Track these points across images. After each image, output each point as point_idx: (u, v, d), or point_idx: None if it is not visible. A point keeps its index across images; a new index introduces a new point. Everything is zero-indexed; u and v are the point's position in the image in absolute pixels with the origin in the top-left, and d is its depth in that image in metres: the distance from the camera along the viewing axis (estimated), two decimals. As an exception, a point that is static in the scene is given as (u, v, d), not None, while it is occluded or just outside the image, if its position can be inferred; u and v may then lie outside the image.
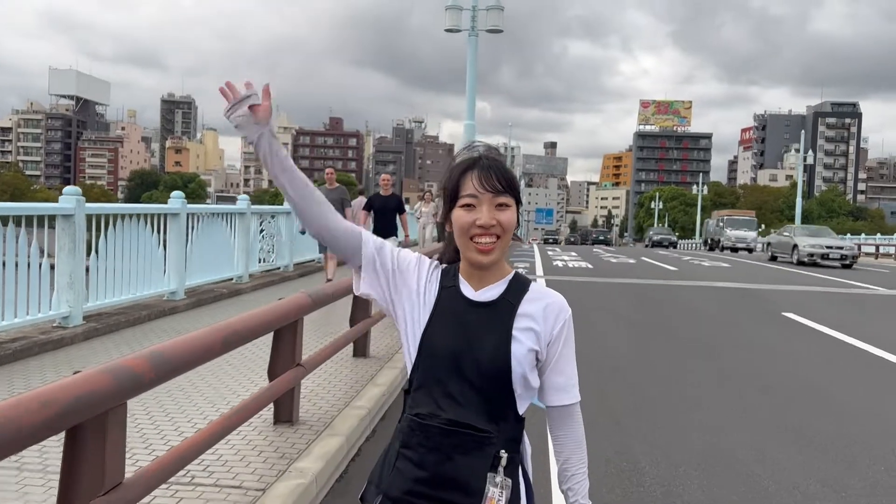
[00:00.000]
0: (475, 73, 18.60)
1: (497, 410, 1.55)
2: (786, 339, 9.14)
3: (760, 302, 12.94)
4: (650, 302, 12.50)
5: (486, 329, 1.57)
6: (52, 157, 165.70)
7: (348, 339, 5.85)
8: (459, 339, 1.57)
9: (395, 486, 1.56)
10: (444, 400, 1.55)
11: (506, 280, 1.63)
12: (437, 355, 1.57)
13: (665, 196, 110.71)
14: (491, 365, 1.54)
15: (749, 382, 6.66)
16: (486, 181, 1.56)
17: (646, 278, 16.96)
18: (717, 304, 12.51)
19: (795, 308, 11.77)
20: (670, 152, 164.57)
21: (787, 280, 17.83)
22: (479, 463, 1.52)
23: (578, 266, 20.56)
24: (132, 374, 2.40)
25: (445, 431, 1.54)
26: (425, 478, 1.54)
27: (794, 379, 6.92)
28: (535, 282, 1.67)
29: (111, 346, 6.54)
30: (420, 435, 1.56)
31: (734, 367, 7.33)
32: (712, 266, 22.75)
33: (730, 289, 15.06)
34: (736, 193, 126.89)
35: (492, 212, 1.56)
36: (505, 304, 1.60)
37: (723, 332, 9.45)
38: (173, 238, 8.50)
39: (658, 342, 8.56)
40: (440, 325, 1.59)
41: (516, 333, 1.57)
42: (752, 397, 6.15)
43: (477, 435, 1.53)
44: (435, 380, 1.57)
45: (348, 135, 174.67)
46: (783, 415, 5.68)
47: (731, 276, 18.33)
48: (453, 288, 1.62)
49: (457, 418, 1.54)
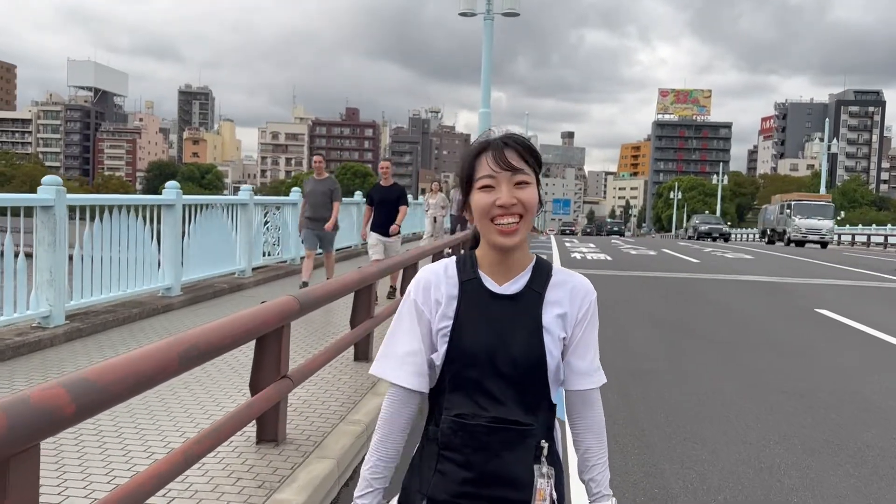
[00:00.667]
0: (490, 59, 18.03)
1: (534, 402, 1.54)
2: (822, 338, 8.53)
3: (790, 297, 12.29)
4: (674, 297, 11.90)
5: (516, 323, 1.54)
6: (72, 148, 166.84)
7: (347, 342, 5.38)
8: (490, 336, 1.53)
9: (441, 490, 1.53)
10: (484, 399, 1.52)
11: (529, 269, 1.59)
12: (469, 355, 1.53)
13: (684, 186, 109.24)
14: (526, 360, 1.52)
15: (787, 389, 6.08)
16: (501, 159, 1.51)
17: (667, 271, 16.34)
18: (744, 299, 11.89)
19: (829, 304, 11.13)
20: (689, 142, 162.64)
21: (814, 273, 17.13)
22: (524, 456, 1.52)
23: (597, 258, 19.95)
24: (44, 410, 1.87)
25: (491, 429, 1.51)
26: (473, 478, 1.51)
27: (835, 385, 6.33)
28: (555, 265, 1.63)
29: (94, 349, 6.09)
30: (464, 436, 1.53)
31: (769, 371, 6.75)
32: (735, 258, 22.05)
33: (756, 283, 14.42)
34: (756, 183, 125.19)
35: (511, 190, 1.51)
36: (531, 295, 1.56)
37: (754, 332, 8.85)
38: (168, 231, 8.02)
39: (685, 343, 7.99)
40: (469, 322, 1.54)
41: (546, 324, 1.55)
42: (790, 406, 5.58)
43: (520, 429, 1.52)
44: (470, 380, 1.53)
45: (364, 125, 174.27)
46: (827, 426, 5.11)
47: (756, 269, 17.65)
48: (475, 281, 1.57)
49: (499, 415, 1.52)
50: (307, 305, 4.11)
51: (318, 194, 9.29)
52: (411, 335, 1.60)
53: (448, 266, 1.62)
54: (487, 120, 17.20)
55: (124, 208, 7.21)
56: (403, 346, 1.60)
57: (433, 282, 1.60)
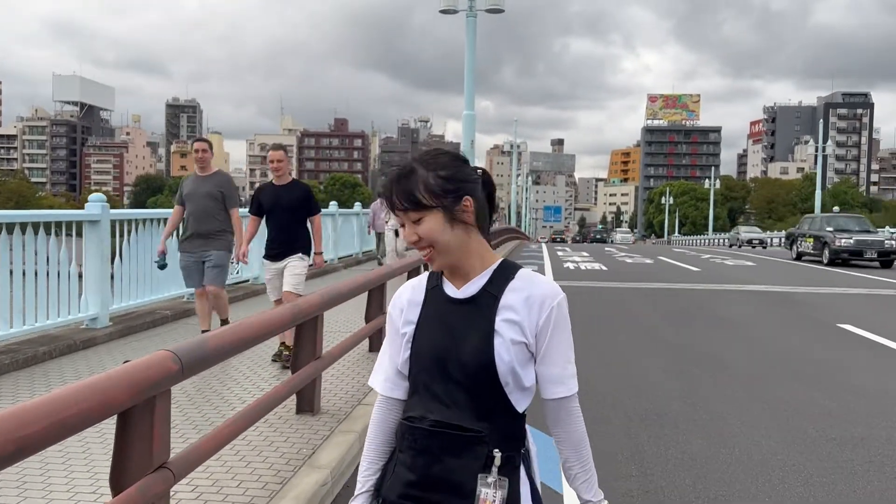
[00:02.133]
0: (474, 58, 16.95)
1: (486, 408, 1.51)
2: (857, 362, 7.41)
3: (806, 310, 11.20)
4: (680, 313, 10.78)
5: (468, 326, 1.54)
6: (58, 163, 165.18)
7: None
8: (443, 339, 1.55)
9: (392, 490, 1.56)
10: (432, 402, 1.54)
11: (489, 271, 1.59)
12: (423, 358, 1.56)
13: (675, 191, 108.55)
14: (474, 362, 1.51)
15: (836, 436, 4.95)
16: (392, 206, 1.57)
17: (667, 281, 15.24)
18: (757, 314, 10.78)
19: (851, 318, 10.03)
20: (679, 147, 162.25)
21: (821, 280, 16.07)
22: (470, 464, 1.48)
23: (591, 268, 18.85)
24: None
25: (431, 433, 1.51)
26: (415, 481, 1.52)
27: (888, 423, 5.21)
28: (524, 268, 1.61)
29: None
30: (409, 438, 1.54)
31: (807, 410, 5.61)
32: (736, 265, 20.99)
33: (764, 293, 13.32)
34: (747, 187, 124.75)
35: (411, 228, 1.56)
36: (486, 298, 1.56)
37: (777, 356, 7.70)
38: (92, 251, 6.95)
39: (700, 374, 6.86)
40: (426, 328, 1.58)
41: (499, 326, 1.53)
42: (846, 459, 4.45)
43: (464, 435, 1.49)
44: (423, 383, 1.56)
45: (353, 135, 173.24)
46: (891, 483, 3.99)
47: (760, 278, 16.58)
48: (437, 288, 1.61)
49: (443, 419, 1.51)
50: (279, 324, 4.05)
51: (200, 198, 6.21)
52: (389, 346, 1.67)
53: (422, 278, 1.66)
54: (472, 123, 16.12)
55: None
56: (385, 356, 1.67)
57: (404, 292, 1.66)
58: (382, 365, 1.68)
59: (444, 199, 1.53)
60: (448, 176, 1.55)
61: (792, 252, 23.61)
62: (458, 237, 1.55)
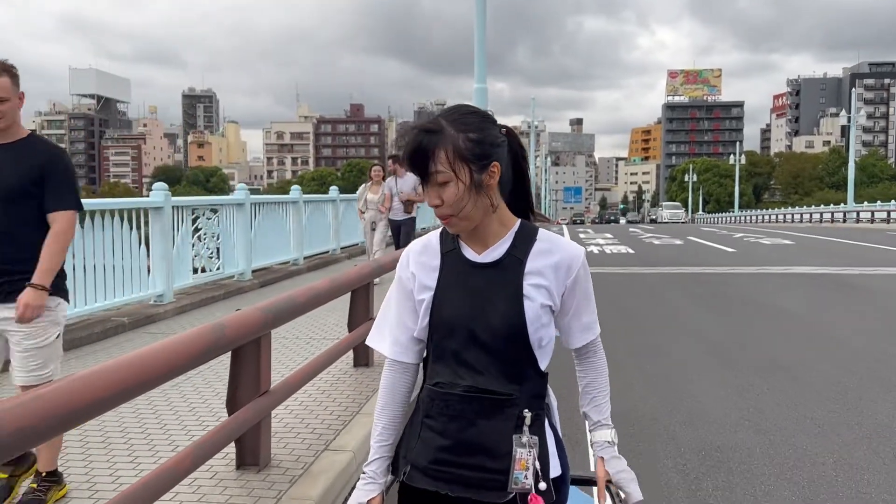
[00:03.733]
0: (484, 27, 15.56)
1: (517, 371, 1.51)
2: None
3: (866, 295, 9.84)
4: (722, 303, 9.47)
5: (496, 291, 1.51)
6: (77, 156, 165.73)
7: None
8: (469, 305, 1.51)
9: (422, 456, 1.53)
10: (462, 368, 1.51)
11: (510, 234, 1.56)
12: (448, 325, 1.52)
13: (698, 168, 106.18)
14: (504, 328, 1.49)
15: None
16: (413, 167, 1.51)
17: (703, 265, 13.88)
18: (813, 302, 9.44)
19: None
20: (701, 123, 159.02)
21: (870, 259, 14.62)
22: (503, 425, 1.48)
23: (618, 252, 17.52)
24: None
25: (465, 398, 1.50)
26: (449, 445, 1.51)
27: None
28: (542, 229, 1.59)
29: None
30: (440, 404, 1.52)
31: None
32: (774, 244, 19.54)
33: (814, 277, 11.94)
34: (772, 163, 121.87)
35: (434, 191, 1.50)
36: (512, 262, 1.53)
37: (855, 358, 6.36)
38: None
39: (763, 384, 5.58)
40: (448, 293, 1.53)
41: (527, 290, 1.51)
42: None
43: (497, 398, 1.49)
44: (450, 350, 1.52)
45: (370, 121, 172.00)
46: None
47: (803, 258, 15.16)
48: (455, 252, 1.56)
49: (475, 384, 1.50)
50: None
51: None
52: (398, 308, 1.61)
53: (431, 239, 1.61)
54: (484, 96, 14.75)
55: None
56: (393, 319, 1.62)
57: (414, 255, 1.61)
58: (389, 328, 1.64)
59: (472, 164, 1.48)
60: (478, 140, 1.49)
61: None
62: (482, 203, 1.51)
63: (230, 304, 8.37)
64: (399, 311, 1.61)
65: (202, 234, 8.59)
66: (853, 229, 30.35)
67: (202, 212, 8.68)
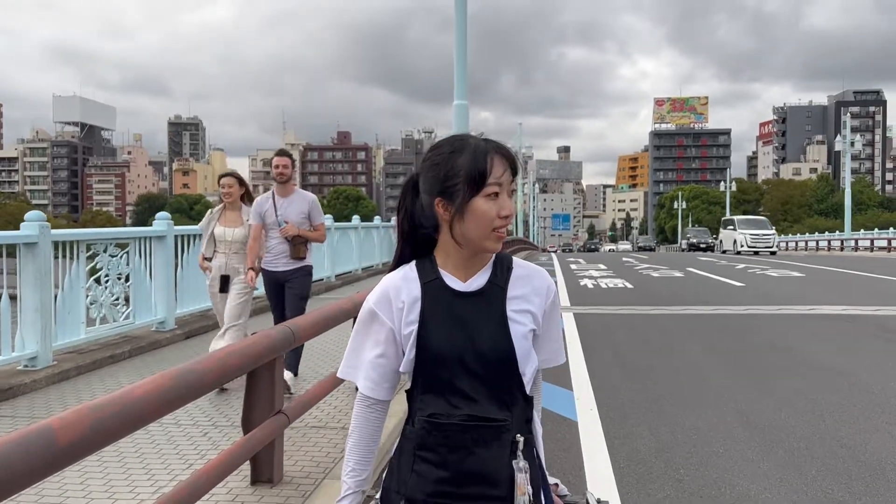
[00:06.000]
0: (465, 40, 14.05)
1: (508, 396, 1.51)
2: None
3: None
4: (749, 356, 7.75)
5: (482, 319, 1.52)
6: (59, 184, 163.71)
7: None
8: (458, 335, 1.51)
9: (418, 490, 1.50)
10: (455, 398, 1.49)
11: (490, 264, 1.58)
12: (438, 356, 1.51)
13: (687, 195, 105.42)
14: (494, 354, 1.50)
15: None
16: (511, 163, 1.53)
17: (713, 304, 12.18)
18: (864, 356, 7.74)
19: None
20: (688, 150, 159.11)
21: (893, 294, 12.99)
22: (499, 452, 1.48)
23: (613, 286, 15.82)
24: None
25: (465, 427, 1.48)
26: (449, 477, 1.48)
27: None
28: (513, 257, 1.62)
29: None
30: (438, 435, 1.49)
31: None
32: (783, 277, 17.92)
33: (848, 318, 10.26)
34: (760, 189, 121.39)
35: (510, 199, 1.53)
36: (495, 290, 1.55)
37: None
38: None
39: (835, 486, 3.86)
40: (433, 323, 1.52)
41: (512, 316, 1.54)
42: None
43: (494, 426, 1.49)
44: (441, 380, 1.51)
45: (357, 148, 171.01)
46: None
47: (824, 294, 13.51)
48: (437, 281, 1.55)
49: (472, 413, 1.48)
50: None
51: None
52: (369, 344, 1.59)
53: (408, 271, 1.59)
54: (464, 113, 13.17)
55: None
56: (366, 356, 1.59)
57: (393, 289, 1.57)
58: (361, 364, 1.60)
59: None
60: None
61: None
62: None
63: (136, 364, 6.56)
64: (371, 348, 1.58)
65: (103, 275, 6.79)
66: (856, 258, 28.87)
67: (103, 247, 6.87)
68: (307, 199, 5.82)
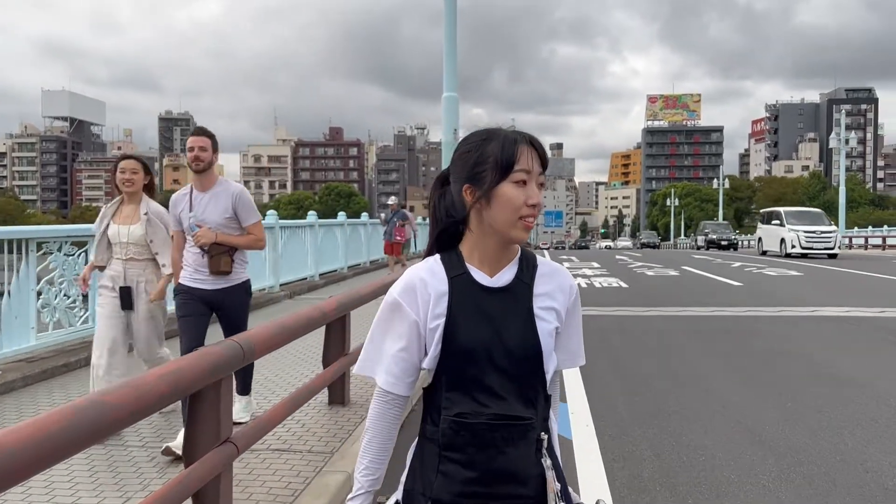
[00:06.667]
0: (454, 32, 13.54)
1: (532, 394, 1.51)
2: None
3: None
4: (763, 367, 7.27)
5: (509, 314, 1.51)
6: (49, 180, 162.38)
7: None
8: (485, 330, 1.49)
9: (445, 491, 1.47)
10: (483, 395, 1.47)
11: (516, 260, 1.57)
12: (466, 352, 1.48)
13: (680, 192, 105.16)
14: (522, 351, 1.49)
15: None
16: (540, 157, 1.53)
17: (712, 305, 11.72)
18: (885, 365, 7.28)
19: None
20: (681, 147, 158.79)
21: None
22: (526, 451, 1.48)
23: (608, 285, 15.34)
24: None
25: (493, 426, 1.46)
26: (478, 477, 1.46)
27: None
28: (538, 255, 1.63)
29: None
30: (466, 435, 1.47)
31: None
32: (781, 276, 17.48)
33: (858, 321, 9.81)
34: (752, 187, 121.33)
35: (539, 191, 1.52)
36: (521, 286, 1.54)
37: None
38: None
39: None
40: (461, 318, 1.49)
41: (539, 313, 1.53)
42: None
43: (522, 424, 1.48)
44: (469, 377, 1.48)
45: (349, 144, 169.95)
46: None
47: (826, 295, 13.07)
48: (464, 276, 1.52)
49: (501, 411, 1.47)
50: None
51: None
52: (392, 338, 1.55)
53: (433, 264, 1.56)
54: (454, 105, 12.66)
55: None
56: (387, 349, 1.56)
57: (419, 281, 1.54)
58: (382, 358, 1.56)
59: None
60: None
61: None
62: None
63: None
64: (393, 341, 1.54)
65: (57, 276, 6.25)
66: (851, 256, 28.50)
67: (57, 246, 6.32)
68: (232, 193, 4.42)
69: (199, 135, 4.45)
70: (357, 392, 5.42)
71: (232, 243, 4.37)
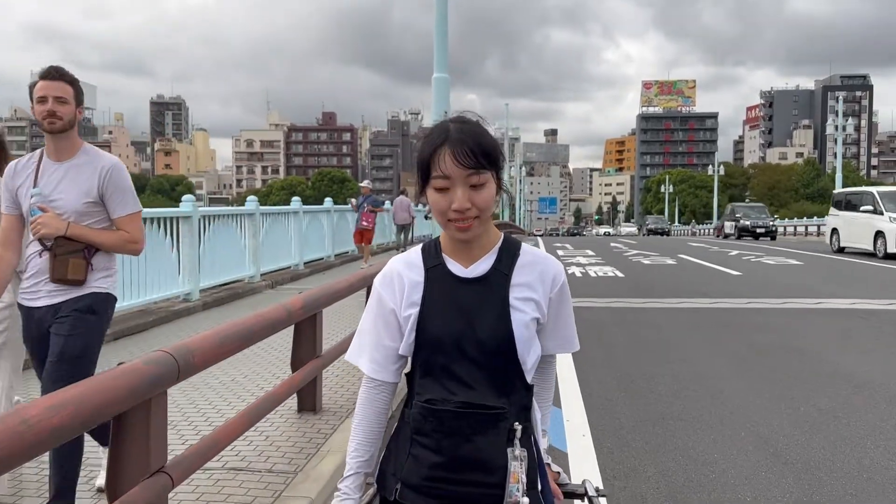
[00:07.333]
0: (445, 12, 13.06)
1: (506, 384, 1.49)
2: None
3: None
4: (774, 366, 6.83)
5: (483, 305, 1.50)
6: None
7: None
8: (457, 321, 1.49)
9: (414, 474, 1.50)
10: (452, 383, 1.48)
11: (495, 249, 1.55)
12: (436, 341, 1.49)
13: (674, 179, 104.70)
14: (493, 341, 1.48)
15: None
16: (459, 157, 1.44)
17: (712, 295, 11.27)
18: (878, 359, 6.84)
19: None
20: (675, 134, 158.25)
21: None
22: (495, 440, 1.47)
23: (604, 274, 14.89)
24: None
25: (459, 414, 1.47)
26: (444, 462, 1.48)
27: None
28: (523, 244, 1.59)
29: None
30: (434, 421, 1.48)
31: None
32: (780, 265, 17.05)
33: (864, 313, 9.38)
34: (746, 174, 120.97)
35: (466, 193, 1.45)
36: (498, 276, 1.52)
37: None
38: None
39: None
40: (434, 309, 1.51)
41: (515, 303, 1.51)
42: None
43: (490, 413, 1.47)
44: (439, 366, 1.49)
45: (342, 129, 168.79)
46: None
47: (828, 285, 12.64)
48: (440, 267, 1.54)
49: (468, 400, 1.47)
50: None
51: None
52: (375, 326, 1.58)
53: (412, 255, 1.58)
54: (445, 86, 12.20)
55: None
56: (369, 337, 1.59)
57: (396, 272, 1.56)
58: (366, 346, 1.59)
59: (500, 167, 1.51)
60: (498, 144, 1.53)
61: None
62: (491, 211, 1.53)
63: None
64: (376, 329, 1.57)
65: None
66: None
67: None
68: (100, 168, 3.03)
69: (54, 78, 2.98)
70: (331, 397, 4.96)
71: (90, 240, 2.97)
